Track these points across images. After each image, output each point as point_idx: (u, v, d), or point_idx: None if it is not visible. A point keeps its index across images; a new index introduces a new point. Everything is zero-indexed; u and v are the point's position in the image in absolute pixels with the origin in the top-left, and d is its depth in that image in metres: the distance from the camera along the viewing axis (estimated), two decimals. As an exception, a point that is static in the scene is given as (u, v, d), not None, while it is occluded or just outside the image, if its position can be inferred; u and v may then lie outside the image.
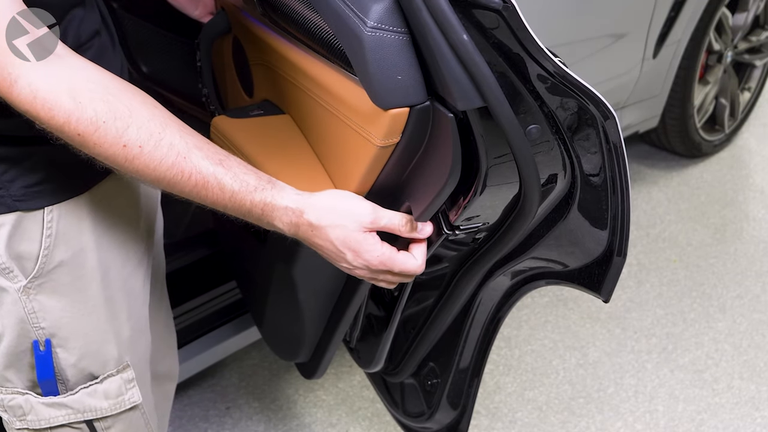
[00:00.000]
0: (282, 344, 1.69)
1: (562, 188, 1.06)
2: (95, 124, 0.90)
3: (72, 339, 1.12)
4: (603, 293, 1.07)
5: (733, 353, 2.31)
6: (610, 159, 0.98)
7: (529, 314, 2.45)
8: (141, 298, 1.24)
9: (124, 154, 0.92)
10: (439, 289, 1.36)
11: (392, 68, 0.95)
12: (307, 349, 1.59)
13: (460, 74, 0.90)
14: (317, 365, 1.60)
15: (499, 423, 2.11)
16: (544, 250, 1.16)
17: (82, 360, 1.14)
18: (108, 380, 1.17)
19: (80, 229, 1.10)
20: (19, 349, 1.11)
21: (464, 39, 0.87)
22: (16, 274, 1.06)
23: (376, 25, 0.94)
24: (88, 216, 1.10)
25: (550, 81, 0.93)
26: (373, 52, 0.95)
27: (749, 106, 3.27)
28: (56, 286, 1.09)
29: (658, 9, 2.50)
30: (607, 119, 0.95)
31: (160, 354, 1.44)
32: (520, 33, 0.89)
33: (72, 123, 0.89)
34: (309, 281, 1.44)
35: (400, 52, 0.95)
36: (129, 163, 0.93)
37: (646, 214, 2.89)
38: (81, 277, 1.11)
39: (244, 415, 2.13)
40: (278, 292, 1.54)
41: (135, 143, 0.92)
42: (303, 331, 1.52)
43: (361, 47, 0.95)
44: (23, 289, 1.07)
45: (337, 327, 1.47)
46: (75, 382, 1.14)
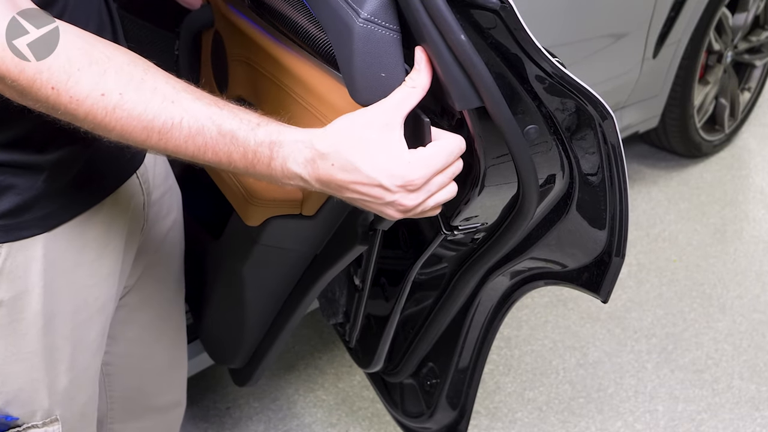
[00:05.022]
0: (218, 346, 1.67)
1: (561, 189, 1.06)
2: (68, 72, 0.81)
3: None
4: (602, 294, 1.07)
5: (733, 353, 2.31)
6: (608, 159, 0.98)
7: (529, 314, 2.45)
8: (92, 348, 1.15)
9: (103, 104, 0.82)
10: (438, 289, 1.36)
11: (377, 64, 0.94)
12: (243, 354, 1.57)
13: (458, 75, 0.90)
14: (252, 372, 1.58)
15: (499, 423, 2.11)
16: (542, 251, 1.16)
17: (7, 405, 1.06)
18: (30, 431, 1.09)
19: (28, 271, 1.01)
20: None
21: (462, 39, 0.87)
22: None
23: (369, 18, 0.93)
24: (42, 257, 1.01)
25: (548, 81, 0.93)
26: (361, 44, 0.93)
27: (749, 106, 3.27)
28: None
29: (658, 9, 2.50)
30: (605, 120, 0.95)
31: (165, 385, 1.41)
32: (518, 33, 0.89)
33: (44, 73, 0.80)
34: (259, 281, 1.43)
35: (388, 49, 0.94)
36: (110, 115, 0.82)
37: (646, 214, 2.89)
38: (19, 320, 1.02)
39: (244, 415, 2.14)
40: (224, 291, 1.52)
41: (114, 90, 0.82)
42: (243, 334, 1.51)
43: (350, 38, 0.94)
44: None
45: (278, 334, 1.46)
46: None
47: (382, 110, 0.89)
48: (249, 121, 0.87)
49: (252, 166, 0.87)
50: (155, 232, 1.29)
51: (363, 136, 0.87)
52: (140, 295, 1.31)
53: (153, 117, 0.83)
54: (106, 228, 1.12)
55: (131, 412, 1.42)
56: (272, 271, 1.44)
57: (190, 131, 0.84)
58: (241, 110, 0.88)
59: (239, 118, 0.86)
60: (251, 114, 0.88)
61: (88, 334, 1.13)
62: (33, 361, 1.06)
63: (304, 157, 0.87)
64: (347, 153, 0.86)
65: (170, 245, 1.35)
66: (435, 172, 0.88)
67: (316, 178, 0.88)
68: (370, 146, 0.86)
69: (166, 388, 1.42)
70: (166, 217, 1.31)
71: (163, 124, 0.84)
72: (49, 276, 1.03)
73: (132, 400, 1.41)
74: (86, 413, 1.19)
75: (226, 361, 1.63)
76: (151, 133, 0.84)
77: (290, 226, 1.36)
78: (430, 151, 0.88)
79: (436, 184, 0.89)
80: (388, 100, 0.90)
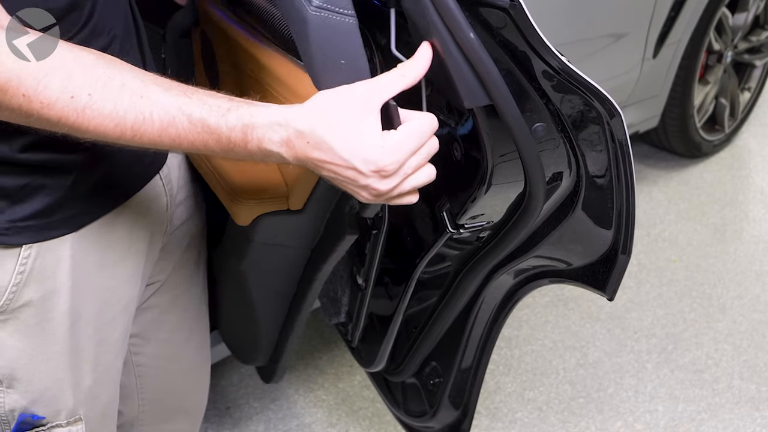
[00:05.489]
0: (239, 346, 1.68)
1: (567, 186, 1.06)
2: (37, 78, 0.81)
3: (26, 382, 1.06)
4: (607, 291, 1.07)
5: (733, 353, 2.31)
6: (615, 157, 0.98)
7: (529, 314, 2.45)
8: (115, 348, 1.16)
9: (73, 107, 0.82)
10: (441, 287, 1.36)
11: (335, 52, 0.93)
12: (264, 352, 1.57)
13: (466, 72, 0.89)
14: (275, 369, 1.59)
15: (499, 423, 2.11)
16: (548, 249, 1.16)
17: (33, 405, 1.07)
18: (55, 430, 1.10)
19: (56, 271, 1.02)
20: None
21: (471, 37, 0.87)
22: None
23: (321, 5, 0.92)
24: (69, 257, 1.03)
25: (556, 79, 0.93)
26: (315, 32, 0.92)
27: (749, 106, 3.27)
28: (19, 325, 1.02)
29: (658, 9, 2.50)
30: (613, 117, 0.94)
31: (193, 386, 1.42)
32: (527, 31, 0.89)
33: (13, 81, 0.80)
34: (263, 280, 1.43)
35: (345, 36, 0.93)
36: (81, 116, 0.83)
37: (646, 214, 2.89)
38: (48, 320, 1.04)
39: (244, 415, 2.13)
40: (233, 292, 1.53)
41: (82, 91, 0.82)
42: (258, 333, 1.51)
43: (305, 28, 0.93)
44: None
45: (291, 330, 1.46)
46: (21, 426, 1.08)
47: (362, 92, 0.86)
48: (219, 107, 0.85)
49: (230, 150, 0.87)
50: (180, 234, 1.29)
51: (339, 116, 0.85)
52: (170, 295, 1.33)
53: (124, 114, 0.83)
54: (130, 229, 1.13)
55: (162, 413, 1.43)
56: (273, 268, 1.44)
57: (162, 124, 0.84)
58: (212, 96, 0.87)
59: (208, 106, 0.85)
60: (221, 99, 0.87)
61: (112, 335, 1.14)
62: (59, 361, 1.07)
63: (280, 137, 0.85)
64: (323, 133, 0.84)
65: (196, 247, 1.36)
66: (408, 156, 0.86)
67: (293, 156, 0.86)
68: (345, 128, 0.85)
69: (194, 389, 1.43)
70: (190, 220, 1.32)
71: (134, 120, 0.84)
72: (77, 276, 1.04)
73: (163, 403, 1.42)
74: (108, 413, 1.20)
75: (250, 360, 1.64)
76: (125, 130, 0.84)
77: (280, 222, 1.36)
78: (401, 135, 0.86)
79: (410, 167, 0.87)
80: (372, 82, 0.87)
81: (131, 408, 1.38)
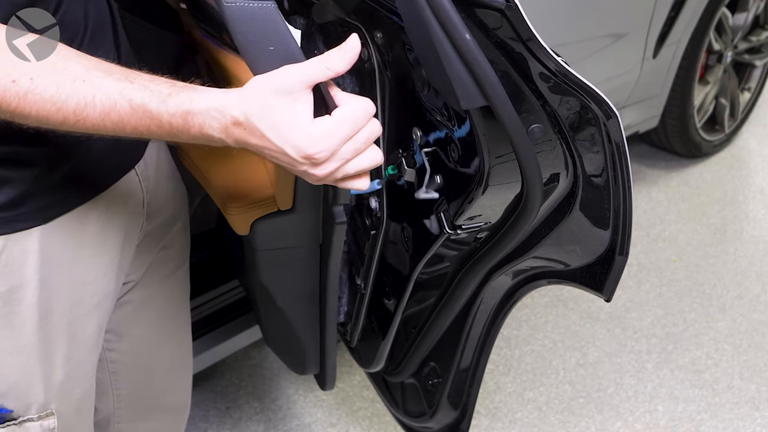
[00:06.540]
0: (290, 359, 1.67)
1: (564, 187, 1.06)
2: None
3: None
4: (605, 292, 1.07)
5: (733, 353, 2.31)
6: (612, 158, 0.98)
7: (529, 314, 2.45)
8: (89, 344, 1.16)
9: (15, 90, 0.82)
10: (440, 288, 1.36)
11: (260, 39, 0.92)
12: (311, 359, 1.57)
13: (462, 73, 0.90)
14: (324, 374, 1.59)
15: (499, 423, 2.11)
16: (545, 250, 1.16)
17: (2, 398, 1.07)
18: (26, 424, 1.09)
19: (24, 264, 1.02)
20: None
21: (467, 38, 0.87)
22: None
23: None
24: (38, 251, 1.02)
25: (552, 80, 0.93)
26: (234, 24, 0.92)
27: (749, 106, 3.27)
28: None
29: (658, 9, 2.50)
30: (610, 118, 0.94)
31: (172, 385, 1.41)
32: (523, 32, 0.89)
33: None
34: (281, 286, 1.42)
35: (265, 22, 0.92)
36: (23, 101, 0.82)
37: (646, 214, 2.89)
38: (15, 313, 1.03)
39: (244, 415, 2.13)
40: (263, 305, 1.52)
41: (24, 76, 0.81)
42: (297, 341, 1.51)
43: (226, 21, 0.93)
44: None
45: (325, 329, 1.46)
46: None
47: (288, 78, 0.85)
48: (159, 92, 0.85)
49: (174, 135, 0.86)
50: (158, 232, 1.28)
51: (269, 103, 0.84)
52: (145, 292, 1.31)
53: (66, 98, 0.83)
54: (103, 224, 1.12)
55: (139, 411, 1.42)
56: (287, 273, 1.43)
57: (104, 108, 0.83)
58: (154, 81, 0.86)
59: (150, 90, 0.84)
60: (163, 84, 0.86)
61: (85, 330, 1.14)
62: (29, 355, 1.07)
63: (219, 123, 0.85)
64: (255, 120, 0.84)
65: (176, 246, 1.35)
66: (341, 142, 0.85)
67: (234, 141, 0.86)
68: (276, 114, 0.84)
69: (173, 387, 1.42)
70: (169, 217, 1.31)
71: (76, 105, 0.83)
72: (46, 270, 1.04)
73: (139, 400, 1.41)
74: (82, 408, 1.19)
75: (303, 369, 1.62)
76: (67, 114, 0.84)
77: (276, 225, 1.37)
78: (333, 121, 0.85)
79: (348, 152, 0.86)
80: (296, 67, 0.86)
81: (107, 405, 1.37)
